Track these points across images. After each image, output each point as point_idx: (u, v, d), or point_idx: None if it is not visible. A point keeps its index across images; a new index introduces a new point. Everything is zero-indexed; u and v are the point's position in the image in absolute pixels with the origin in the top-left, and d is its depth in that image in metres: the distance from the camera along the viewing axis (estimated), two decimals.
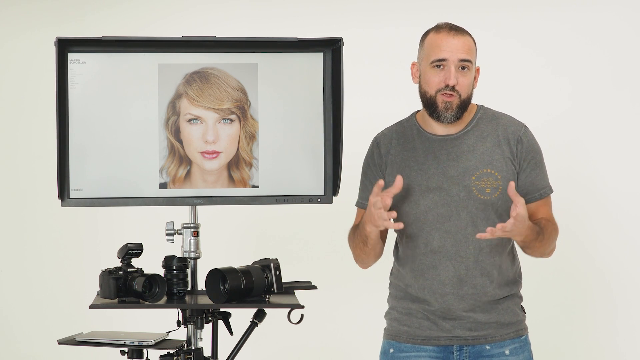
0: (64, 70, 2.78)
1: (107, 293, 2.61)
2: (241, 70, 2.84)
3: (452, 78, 2.41)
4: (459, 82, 2.43)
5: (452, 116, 2.45)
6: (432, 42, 2.46)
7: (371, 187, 2.54)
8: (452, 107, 2.44)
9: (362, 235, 2.48)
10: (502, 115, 2.56)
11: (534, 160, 2.51)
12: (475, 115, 2.54)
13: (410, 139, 2.55)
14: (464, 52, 2.43)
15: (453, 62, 2.42)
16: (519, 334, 2.53)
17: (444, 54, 2.43)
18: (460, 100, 2.44)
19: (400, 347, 2.54)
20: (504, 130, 2.51)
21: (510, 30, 4.00)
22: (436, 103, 2.45)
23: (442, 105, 2.44)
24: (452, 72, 2.42)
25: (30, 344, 4.21)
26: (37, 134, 4.15)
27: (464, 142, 2.50)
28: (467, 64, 2.44)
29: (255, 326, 2.76)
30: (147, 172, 2.83)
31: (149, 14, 4.19)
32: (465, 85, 2.44)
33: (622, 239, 3.90)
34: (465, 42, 2.45)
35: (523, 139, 2.50)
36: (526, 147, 2.50)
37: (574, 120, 3.93)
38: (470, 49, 2.45)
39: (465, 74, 2.44)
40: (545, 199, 2.52)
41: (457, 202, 2.45)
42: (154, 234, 3.11)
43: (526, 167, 2.50)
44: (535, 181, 2.50)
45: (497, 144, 2.49)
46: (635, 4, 3.90)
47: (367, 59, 3.99)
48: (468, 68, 2.44)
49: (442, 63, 2.43)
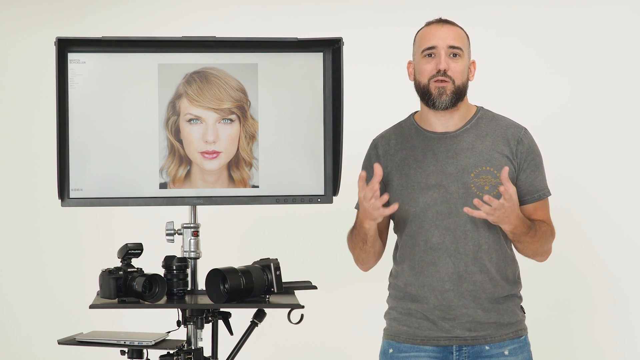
0: (64, 70, 2.78)
1: (107, 293, 2.61)
2: (241, 70, 2.84)
3: (443, 62, 2.45)
4: (451, 67, 2.46)
5: (446, 101, 2.47)
6: (422, 34, 2.53)
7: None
8: (446, 92, 2.46)
9: (361, 233, 2.49)
10: (502, 117, 2.57)
11: (534, 161, 2.51)
12: (475, 114, 2.55)
13: (408, 138, 2.56)
14: (452, 39, 2.47)
15: (443, 48, 2.47)
16: (519, 335, 2.53)
17: (433, 41, 2.48)
18: (454, 86, 2.47)
19: (399, 347, 2.54)
20: (504, 130, 2.52)
21: (509, 31, 3.99)
22: (430, 90, 2.48)
23: (436, 91, 2.47)
24: (443, 57, 2.46)
25: (30, 344, 4.21)
26: (37, 134, 4.15)
27: (463, 139, 2.51)
28: (457, 50, 2.47)
29: (255, 326, 2.76)
30: (147, 172, 2.83)
31: (149, 14, 4.19)
32: (457, 71, 2.47)
33: (620, 239, 3.90)
34: (455, 30, 2.50)
35: (523, 139, 2.51)
36: (526, 147, 2.50)
37: (572, 120, 3.93)
38: (459, 36, 2.49)
39: (456, 61, 2.47)
40: (543, 201, 2.53)
41: (456, 199, 2.46)
42: (154, 234, 3.11)
43: (526, 167, 2.50)
44: (534, 182, 2.51)
45: (496, 143, 2.50)
46: (634, 4, 3.90)
47: (367, 59, 3.99)
48: (459, 55, 2.48)
49: (432, 51, 2.48)
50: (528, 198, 2.51)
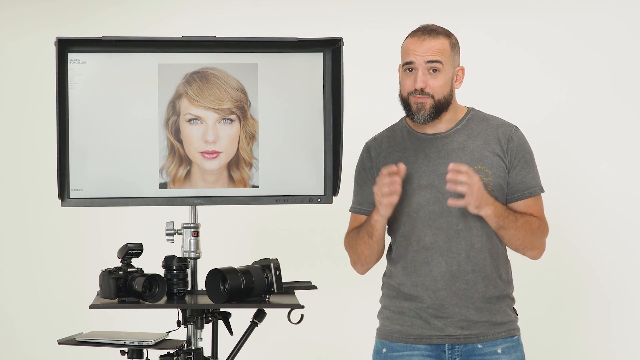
0: (64, 70, 2.78)
1: (107, 293, 2.61)
2: (241, 70, 2.84)
3: (419, 81, 2.47)
4: (429, 84, 2.47)
5: (425, 116, 2.49)
6: (404, 46, 2.53)
7: (362, 191, 2.60)
8: (425, 108, 2.48)
9: (369, 226, 2.50)
10: (492, 117, 2.59)
11: (524, 158, 2.52)
12: (466, 115, 2.57)
13: (400, 140, 2.58)
14: (431, 54, 2.47)
15: (420, 64, 2.47)
16: (511, 334, 2.53)
17: (411, 57, 2.48)
18: (434, 101, 2.48)
19: (392, 346, 2.55)
20: (494, 129, 2.53)
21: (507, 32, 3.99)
22: (410, 104, 2.50)
23: (415, 106, 2.49)
24: (419, 76, 2.47)
25: (30, 344, 4.21)
26: (38, 134, 4.15)
27: (454, 139, 2.52)
28: (436, 65, 2.47)
29: (255, 326, 2.76)
30: (147, 172, 2.83)
31: (149, 14, 4.19)
32: (436, 86, 2.47)
33: (613, 239, 3.90)
34: (435, 44, 2.48)
35: (514, 137, 2.52)
36: (517, 145, 2.52)
37: (569, 121, 3.93)
38: (440, 50, 2.48)
39: (435, 77, 2.48)
40: (535, 197, 2.53)
41: (448, 199, 2.46)
42: (154, 234, 3.11)
43: (516, 164, 2.51)
44: (525, 179, 2.51)
45: (487, 142, 2.51)
46: (632, 5, 3.90)
47: (367, 59, 3.99)
48: (438, 70, 2.48)
49: (411, 66, 2.49)
50: (519, 195, 2.51)
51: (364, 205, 2.60)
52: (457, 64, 2.53)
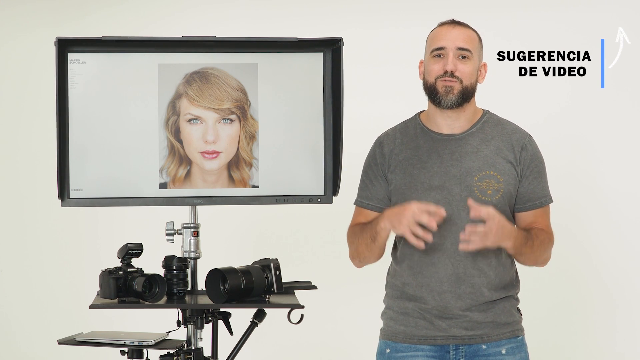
0: (64, 70, 2.78)
1: (107, 293, 2.61)
2: (241, 70, 2.84)
3: (450, 64, 2.46)
4: (458, 68, 2.46)
5: (452, 100, 2.47)
6: (433, 35, 2.53)
7: (371, 186, 2.56)
8: (453, 91, 2.47)
9: (373, 230, 2.48)
10: (507, 122, 2.58)
11: (537, 168, 2.52)
12: (482, 118, 2.55)
13: (414, 137, 2.56)
14: (462, 41, 2.48)
15: (451, 49, 2.47)
16: (515, 334, 2.53)
17: (442, 42, 2.48)
18: (462, 86, 2.47)
19: (396, 347, 2.54)
20: (508, 136, 2.53)
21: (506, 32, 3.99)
22: (437, 88, 2.48)
23: (443, 89, 2.47)
24: (450, 58, 2.46)
25: (30, 344, 4.21)
26: (37, 134, 4.15)
27: (468, 142, 2.51)
28: (466, 52, 2.48)
29: (255, 326, 2.76)
30: (147, 172, 2.83)
31: (149, 14, 4.19)
32: (465, 72, 2.47)
33: (621, 239, 3.90)
34: (466, 32, 2.50)
35: (528, 146, 2.51)
36: (530, 154, 2.51)
37: (573, 121, 3.93)
38: (470, 39, 2.49)
39: (464, 62, 2.48)
40: (544, 208, 2.53)
41: (458, 202, 2.46)
42: (154, 234, 3.11)
43: (529, 174, 2.51)
44: (536, 189, 2.51)
45: (500, 148, 2.50)
46: (634, 4, 3.90)
47: (367, 59, 3.99)
48: (468, 57, 2.48)
49: (441, 52, 2.48)
50: (529, 205, 2.51)
51: (372, 201, 2.58)
52: (481, 59, 2.54)
